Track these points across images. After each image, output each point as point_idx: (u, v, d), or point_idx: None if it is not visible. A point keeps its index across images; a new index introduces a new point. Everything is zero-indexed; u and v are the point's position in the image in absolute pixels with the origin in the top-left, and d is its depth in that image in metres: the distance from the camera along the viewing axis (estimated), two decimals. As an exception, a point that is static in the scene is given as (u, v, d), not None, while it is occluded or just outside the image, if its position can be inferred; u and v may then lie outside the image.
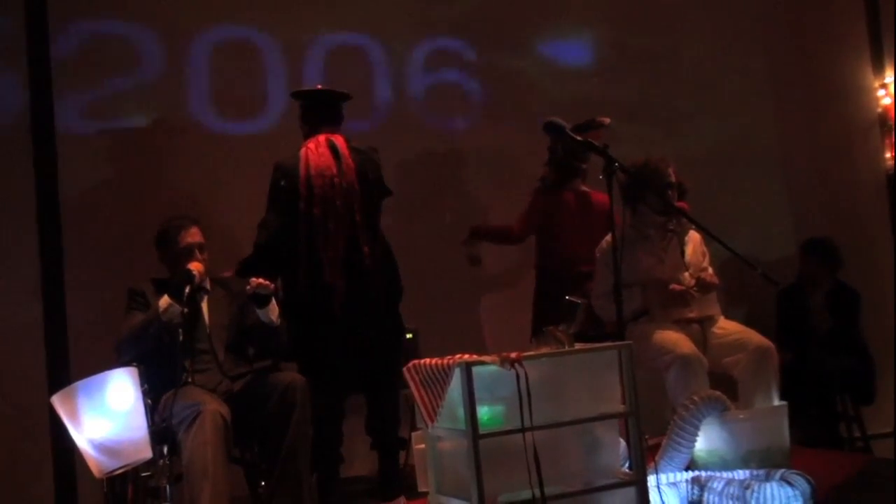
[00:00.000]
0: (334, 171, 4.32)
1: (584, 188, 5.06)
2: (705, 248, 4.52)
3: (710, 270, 4.46)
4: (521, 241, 5.11)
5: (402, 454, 4.62)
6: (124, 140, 5.11)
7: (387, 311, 4.46)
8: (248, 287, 3.84)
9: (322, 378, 4.20)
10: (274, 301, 3.95)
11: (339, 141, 4.42)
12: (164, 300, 3.80)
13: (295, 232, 4.29)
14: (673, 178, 4.40)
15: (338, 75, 5.21)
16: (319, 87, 4.70)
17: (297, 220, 4.29)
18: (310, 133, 4.48)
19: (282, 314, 4.03)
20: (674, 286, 4.29)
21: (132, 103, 5.12)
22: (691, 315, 4.31)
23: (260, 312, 3.91)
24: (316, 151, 4.36)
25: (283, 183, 4.34)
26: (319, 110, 4.51)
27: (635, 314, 4.25)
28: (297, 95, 4.62)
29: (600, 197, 4.94)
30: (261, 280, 3.84)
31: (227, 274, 4.30)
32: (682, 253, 4.42)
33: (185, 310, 3.76)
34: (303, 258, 4.30)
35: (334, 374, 4.30)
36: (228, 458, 3.61)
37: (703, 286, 4.32)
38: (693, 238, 4.49)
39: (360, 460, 4.81)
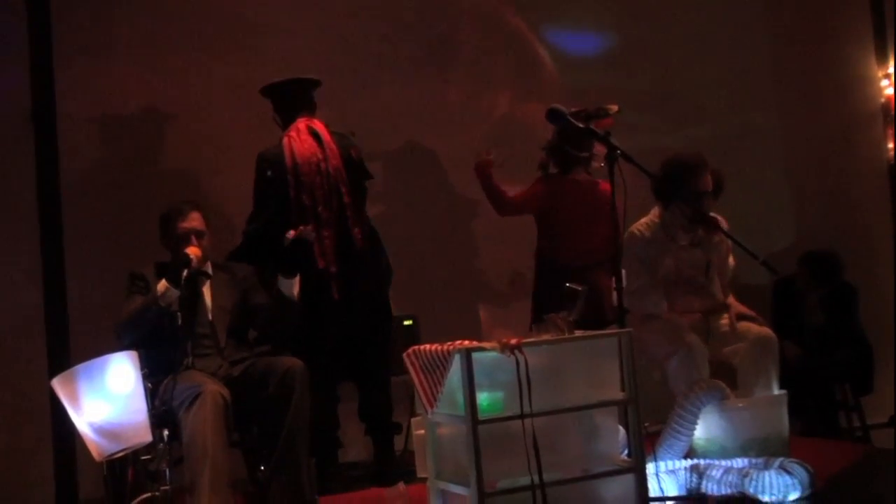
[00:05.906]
0: (320, 156, 4.33)
1: (590, 177, 4.90)
2: (732, 260, 4.42)
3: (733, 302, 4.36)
4: (504, 215, 4.91)
5: (401, 440, 4.63)
6: (126, 124, 5.10)
7: (377, 296, 4.45)
8: (288, 236, 3.96)
9: (317, 363, 4.21)
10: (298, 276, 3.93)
11: (318, 126, 4.42)
12: (162, 284, 3.80)
13: (285, 221, 4.26)
14: (710, 187, 4.16)
15: (338, 66, 5.20)
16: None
17: (287, 209, 4.28)
18: (287, 122, 4.47)
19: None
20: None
21: (134, 87, 5.11)
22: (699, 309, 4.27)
23: (285, 283, 3.90)
24: (298, 139, 4.37)
25: (269, 173, 4.35)
26: (293, 99, 4.49)
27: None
28: (268, 88, 4.53)
29: (607, 186, 4.88)
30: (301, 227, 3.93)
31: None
32: (708, 264, 4.28)
33: (182, 293, 3.76)
34: None
35: (329, 359, 4.31)
36: (229, 441, 3.61)
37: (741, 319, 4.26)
38: (721, 245, 4.34)
39: (357, 445, 4.81)
